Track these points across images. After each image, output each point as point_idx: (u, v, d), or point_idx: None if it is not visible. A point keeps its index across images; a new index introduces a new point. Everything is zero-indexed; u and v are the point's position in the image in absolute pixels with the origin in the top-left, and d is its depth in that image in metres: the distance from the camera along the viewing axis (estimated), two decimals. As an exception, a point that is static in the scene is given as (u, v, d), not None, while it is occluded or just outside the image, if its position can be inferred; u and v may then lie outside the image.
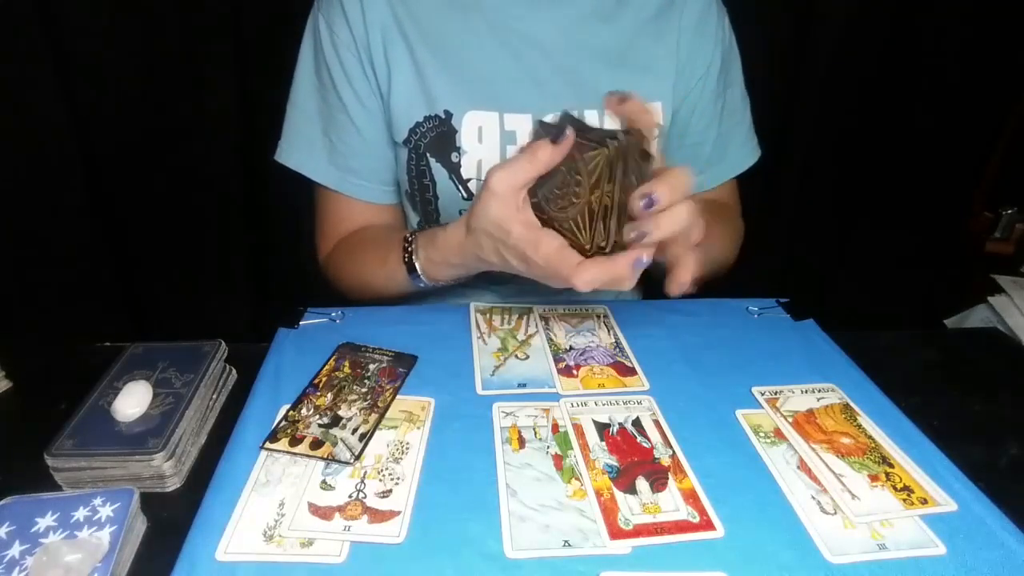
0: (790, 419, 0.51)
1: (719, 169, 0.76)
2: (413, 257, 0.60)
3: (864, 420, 0.51)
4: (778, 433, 0.50)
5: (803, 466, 0.47)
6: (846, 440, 0.49)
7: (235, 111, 1.01)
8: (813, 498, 0.44)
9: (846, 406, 0.53)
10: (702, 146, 0.74)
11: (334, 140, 0.70)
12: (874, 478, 0.45)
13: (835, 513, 0.43)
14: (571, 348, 0.61)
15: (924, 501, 0.43)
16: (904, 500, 0.43)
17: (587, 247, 0.45)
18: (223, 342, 0.58)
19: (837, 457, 0.47)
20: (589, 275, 0.44)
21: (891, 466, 0.47)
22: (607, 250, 0.44)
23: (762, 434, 0.50)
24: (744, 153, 0.76)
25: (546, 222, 0.47)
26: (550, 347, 0.61)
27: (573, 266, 0.44)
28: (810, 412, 0.52)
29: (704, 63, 0.69)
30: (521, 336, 0.63)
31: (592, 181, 0.43)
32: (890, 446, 0.48)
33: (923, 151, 1.13)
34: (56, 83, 0.93)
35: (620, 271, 0.43)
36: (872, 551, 0.40)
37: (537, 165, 0.45)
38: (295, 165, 0.71)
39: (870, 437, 0.49)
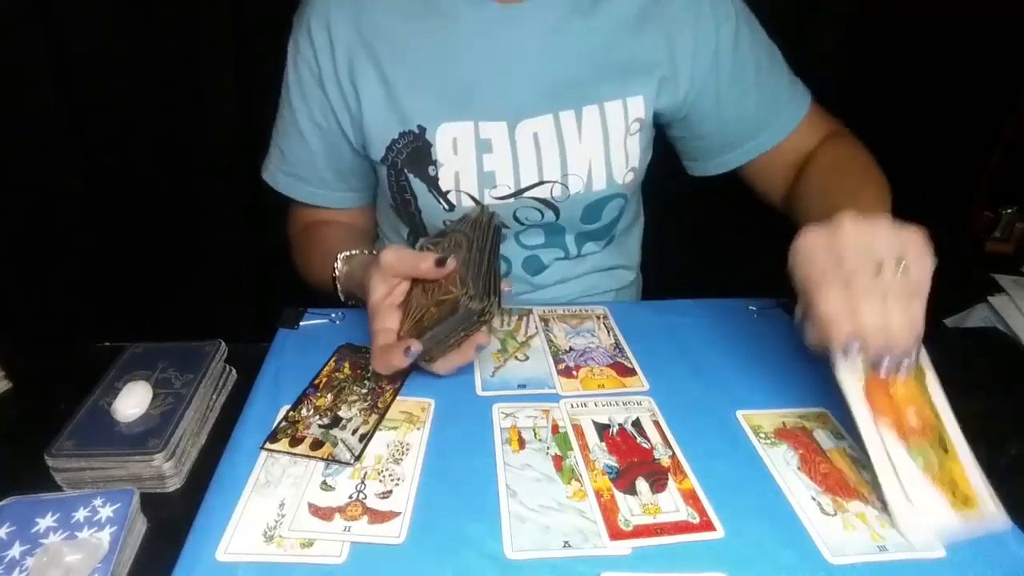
0: (862, 381, 0.46)
1: (780, 120, 0.72)
2: (336, 281, 0.64)
3: (931, 382, 0.47)
4: (778, 434, 0.50)
5: (803, 467, 0.47)
6: (911, 414, 0.45)
7: (236, 112, 1.01)
8: (813, 499, 0.44)
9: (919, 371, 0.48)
10: (746, 115, 0.71)
11: (284, 149, 0.73)
12: (929, 469, 0.43)
13: (835, 514, 0.43)
14: (571, 349, 0.61)
15: (967, 501, 0.41)
16: (952, 497, 0.42)
17: (400, 332, 0.53)
18: (223, 342, 0.58)
19: (900, 442, 0.44)
20: (378, 363, 0.52)
21: (946, 450, 0.44)
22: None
23: (762, 435, 0.50)
24: (795, 102, 0.72)
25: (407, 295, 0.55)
26: (550, 348, 0.61)
27: (375, 350, 0.52)
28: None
29: (710, 47, 0.67)
30: (521, 338, 0.63)
31: (434, 300, 0.51)
32: (950, 423, 0.45)
33: (923, 151, 1.13)
34: (56, 83, 0.93)
35: (395, 356, 0.50)
36: (872, 552, 0.40)
37: (417, 272, 0.52)
38: (264, 175, 0.76)
39: (934, 409, 0.46)
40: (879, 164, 0.69)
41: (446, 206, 0.69)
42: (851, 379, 0.45)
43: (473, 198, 0.68)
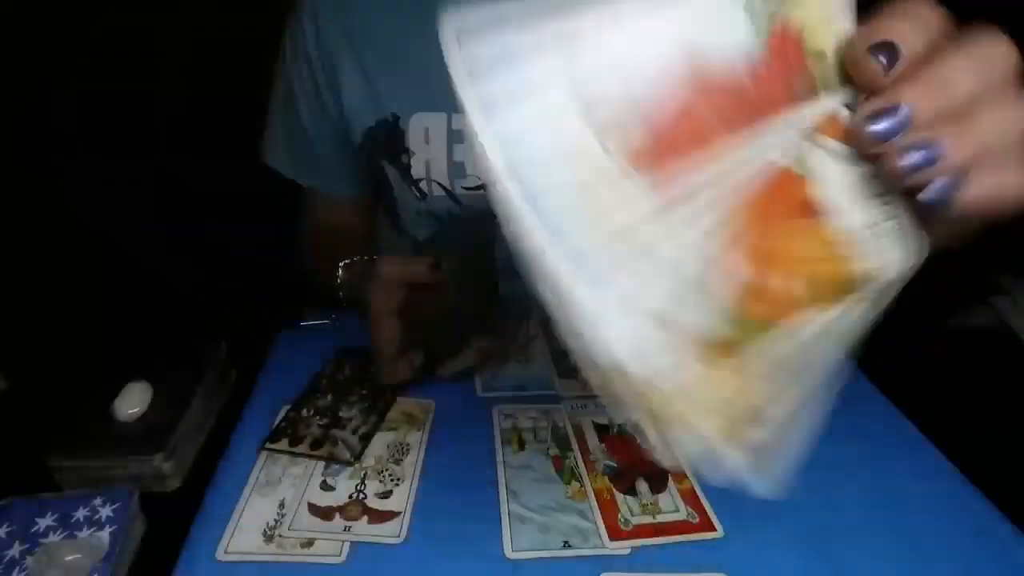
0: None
1: None
2: (339, 289, 0.64)
3: None
4: None
5: None
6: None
7: (237, 109, 1.01)
8: None
9: None
10: None
11: (284, 133, 0.74)
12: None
13: None
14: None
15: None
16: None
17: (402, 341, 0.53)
18: (223, 342, 0.58)
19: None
20: (384, 375, 0.52)
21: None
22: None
23: None
24: None
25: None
26: (550, 350, 0.61)
27: (380, 363, 0.52)
28: None
29: None
30: (521, 340, 0.63)
31: (433, 307, 0.51)
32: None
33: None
34: (56, 83, 0.93)
35: (400, 368, 0.51)
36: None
37: (413, 277, 0.52)
38: (268, 159, 0.76)
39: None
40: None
41: (418, 194, 0.70)
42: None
43: (444, 187, 0.68)
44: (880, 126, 0.21)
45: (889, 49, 0.21)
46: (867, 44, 0.22)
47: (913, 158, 0.21)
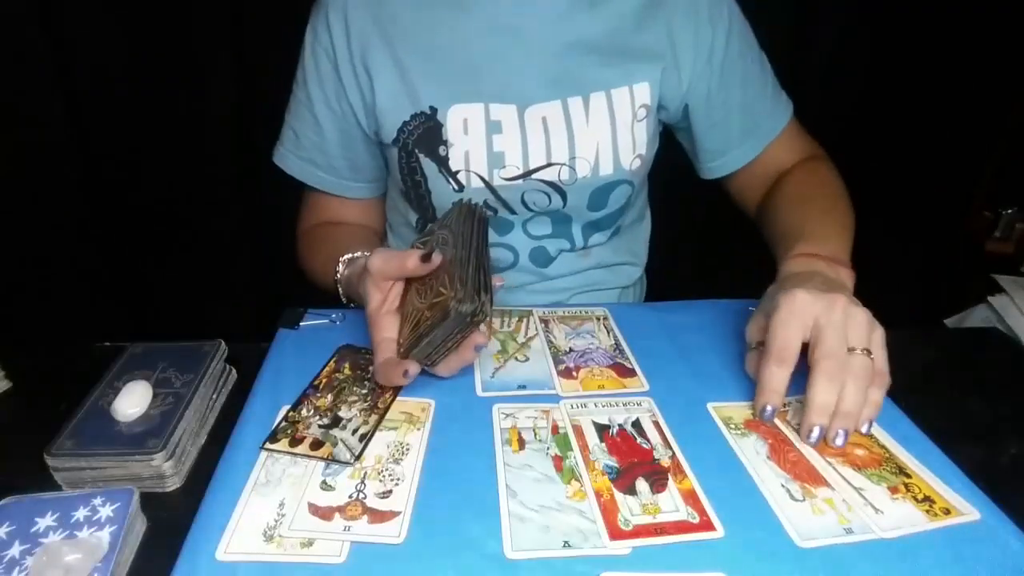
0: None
1: (758, 135, 0.75)
2: (338, 284, 0.66)
3: (874, 429, 0.50)
4: (748, 424, 0.51)
5: (772, 456, 0.47)
6: (860, 451, 0.48)
7: (237, 110, 1.01)
8: (783, 486, 0.45)
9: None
10: (730, 121, 0.73)
11: (298, 132, 0.74)
12: (894, 490, 0.44)
13: (803, 500, 0.44)
14: (571, 350, 0.61)
15: (947, 511, 0.43)
16: (927, 511, 0.43)
17: (399, 340, 0.53)
18: (223, 342, 0.58)
19: (854, 470, 0.46)
20: (380, 377, 0.53)
21: (908, 476, 0.46)
22: (401, 350, 0.53)
23: (732, 425, 0.50)
24: (777, 111, 0.75)
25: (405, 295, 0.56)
26: (550, 349, 0.61)
27: (377, 364, 0.53)
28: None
29: (706, 48, 0.69)
30: (521, 338, 0.63)
31: (427, 304, 0.51)
32: (903, 454, 0.48)
33: (923, 151, 1.13)
34: (55, 83, 0.93)
35: (394, 376, 0.51)
36: (839, 535, 0.40)
37: (405, 271, 0.52)
38: (275, 157, 0.77)
39: (883, 447, 0.49)
40: (879, 164, 0.69)
41: (455, 186, 0.70)
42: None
43: (482, 178, 0.69)
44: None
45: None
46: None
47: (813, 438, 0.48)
